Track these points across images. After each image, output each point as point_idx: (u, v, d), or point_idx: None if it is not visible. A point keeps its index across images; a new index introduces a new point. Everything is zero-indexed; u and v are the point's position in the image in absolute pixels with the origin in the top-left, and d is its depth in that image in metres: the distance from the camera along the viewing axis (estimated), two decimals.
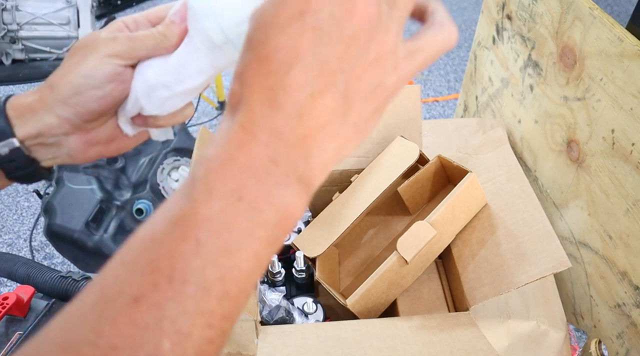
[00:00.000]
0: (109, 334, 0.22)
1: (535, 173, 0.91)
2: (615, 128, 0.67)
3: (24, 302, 0.69)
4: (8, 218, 1.83)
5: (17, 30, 1.64)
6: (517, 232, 0.64)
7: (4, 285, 1.62)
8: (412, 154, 0.74)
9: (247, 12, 0.26)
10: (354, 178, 0.77)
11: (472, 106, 1.20)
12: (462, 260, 0.67)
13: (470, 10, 2.97)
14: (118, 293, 0.23)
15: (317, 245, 0.70)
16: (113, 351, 0.21)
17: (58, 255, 1.67)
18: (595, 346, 0.63)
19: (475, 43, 1.14)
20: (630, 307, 0.68)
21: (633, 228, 0.66)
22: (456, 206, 0.65)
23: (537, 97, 0.88)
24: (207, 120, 2.28)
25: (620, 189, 0.68)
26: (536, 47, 0.87)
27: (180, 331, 0.22)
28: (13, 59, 1.71)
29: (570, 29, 0.76)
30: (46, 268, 0.74)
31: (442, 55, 0.28)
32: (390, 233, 0.80)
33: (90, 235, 1.37)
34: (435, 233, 0.63)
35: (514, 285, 0.59)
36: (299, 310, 0.67)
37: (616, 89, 0.66)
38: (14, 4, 1.62)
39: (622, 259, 0.69)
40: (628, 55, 0.63)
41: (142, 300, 0.22)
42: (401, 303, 0.68)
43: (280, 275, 0.70)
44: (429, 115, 2.26)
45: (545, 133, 0.86)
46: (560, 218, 0.84)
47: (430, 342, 0.57)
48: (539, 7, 0.84)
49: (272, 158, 0.24)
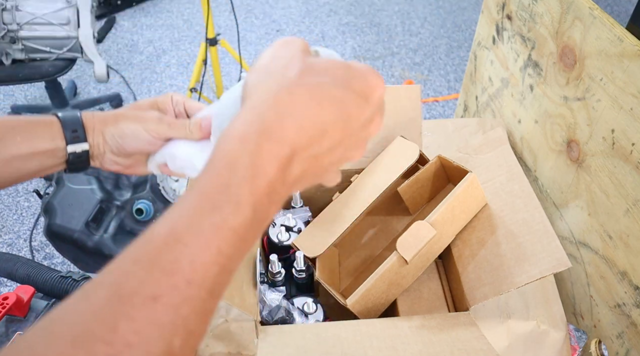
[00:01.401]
0: (124, 331, 0.22)
1: (535, 173, 0.91)
2: (615, 128, 0.67)
3: (24, 302, 0.69)
4: (8, 218, 1.83)
5: (17, 30, 1.64)
6: (517, 232, 0.64)
7: (4, 285, 1.62)
8: (412, 154, 0.74)
9: None
10: (354, 178, 0.77)
11: (472, 106, 1.20)
12: (462, 260, 0.67)
13: (470, 10, 2.97)
14: (134, 291, 0.23)
15: (317, 245, 0.70)
16: (128, 348, 0.22)
17: (58, 255, 1.67)
18: (595, 346, 0.63)
19: (475, 43, 1.14)
20: (630, 307, 0.68)
21: (633, 228, 0.66)
22: (456, 206, 0.65)
23: (537, 97, 0.88)
24: None
25: (620, 189, 0.68)
26: (536, 47, 0.87)
27: (188, 329, 0.24)
28: (13, 59, 1.71)
29: (570, 29, 0.76)
30: (46, 268, 0.74)
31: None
32: (390, 233, 0.80)
33: (90, 235, 1.37)
34: (435, 233, 0.63)
35: (514, 285, 0.59)
36: (299, 310, 0.67)
37: (616, 88, 0.66)
38: (14, 4, 1.62)
39: (622, 259, 0.69)
40: (628, 55, 0.63)
41: (160, 300, 0.23)
42: (401, 303, 0.68)
43: (280, 275, 0.70)
44: (429, 115, 2.26)
45: (545, 133, 0.86)
46: (560, 218, 0.84)
47: (430, 342, 0.57)
48: (539, 7, 0.84)
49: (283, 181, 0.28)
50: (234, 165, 0.27)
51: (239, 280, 0.60)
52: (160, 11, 3.00)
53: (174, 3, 3.07)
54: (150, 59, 2.63)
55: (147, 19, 2.92)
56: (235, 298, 0.56)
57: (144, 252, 0.25)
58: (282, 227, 0.75)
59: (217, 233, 0.25)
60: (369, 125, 0.31)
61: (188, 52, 2.68)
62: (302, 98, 0.28)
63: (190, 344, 0.24)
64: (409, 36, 2.77)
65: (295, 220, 0.77)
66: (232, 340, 0.58)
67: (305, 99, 0.28)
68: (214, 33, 2.02)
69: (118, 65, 2.58)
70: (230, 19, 2.87)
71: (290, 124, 0.27)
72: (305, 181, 0.30)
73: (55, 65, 1.74)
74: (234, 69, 2.56)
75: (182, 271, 0.24)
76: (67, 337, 0.22)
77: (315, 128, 0.28)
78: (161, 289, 0.23)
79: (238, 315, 0.59)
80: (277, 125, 0.27)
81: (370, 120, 0.31)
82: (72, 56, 1.75)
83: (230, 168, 0.27)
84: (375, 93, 0.30)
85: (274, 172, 0.27)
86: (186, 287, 0.24)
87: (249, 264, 0.66)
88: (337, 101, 0.29)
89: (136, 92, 2.42)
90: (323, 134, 0.28)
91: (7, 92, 2.39)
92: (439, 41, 2.73)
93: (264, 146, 0.27)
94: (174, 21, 2.91)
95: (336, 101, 0.29)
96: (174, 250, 0.24)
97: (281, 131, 0.27)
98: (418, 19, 2.90)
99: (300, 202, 0.82)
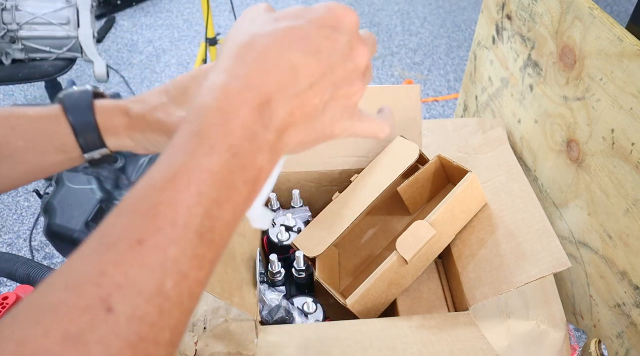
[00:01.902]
0: (113, 274, 0.22)
1: (535, 173, 0.91)
2: (615, 128, 0.67)
3: None
4: (8, 218, 1.83)
5: (17, 30, 1.64)
6: (517, 232, 0.64)
7: (4, 285, 1.62)
8: (412, 154, 0.74)
9: None
10: (354, 178, 0.77)
11: (472, 106, 1.20)
12: (462, 260, 0.67)
13: (470, 10, 2.97)
14: (120, 237, 0.24)
15: (317, 245, 0.70)
16: (118, 289, 0.22)
17: (58, 255, 1.67)
18: (595, 346, 0.63)
19: (475, 43, 1.14)
20: (630, 307, 0.68)
21: (633, 228, 0.66)
22: (456, 206, 0.65)
23: (537, 97, 0.88)
24: None
25: (620, 189, 0.68)
26: (536, 47, 0.87)
27: (181, 271, 0.24)
28: (13, 59, 1.71)
29: (570, 29, 0.76)
30: (46, 268, 0.74)
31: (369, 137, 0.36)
32: (390, 233, 0.80)
33: (90, 235, 1.37)
34: (435, 233, 0.63)
35: (514, 285, 0.59)
36: (299, 310, 0.67)
37: (616, 88, 0.66)
38: (14, 4, 1.62)
39: (622, 259, 0.69)
40: (628, 55, 0.63)
41: (145, 243, 0.23)
42: (401, 303, 0.68)
43: (280, 275, 0.70)
44: (429, 115, 2.26)
45: (545, 133, 0.86)
46: (560, 218, 0.84)
47: (430, 342, 0.57)
48: (539, 7, 0.84)
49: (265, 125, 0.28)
50: (203, 112, 0.27)
51: (238, 280, 0.60)
52: (160, 11, 3.00)
53: (174, 3, 3.07)
54: (150, 59, 2.63)
55: (147, 19, 2.92)
56: (235, 298, 0.56)
57: (126, 205, 0.25)
58: (282, 227, 0.75)
59: (192, 175, 0.25)
60: (351, 53, 0.31)
61: (188, 52, 2.68)
62: (264, 43, 0.29)
63: (186, 288, 0.24)
64: (408, 36, 2.77)
65: (295, 220, 0.77)
66: (232, 340, 0.58)
67: (268, 43, 0.29)
68: (214, 33, 2.02)
69: (118, 65, 2.58)
70: (230, 19, 2.87)
71: (255, 69, 0.28)
72: (302, 125, 0.30)
73: (55, 65, 1.74)
74: None
75: (164, 214, 0.24)
76: (60, 285, 0.23)
77: (283, 68, 0.28)
78: (146, 233, 0.24)
79: (238, 315, 0.59)
80: (243, 72, 0.28)
81: (350, 49, 0.31)
82: (72, 56, 1.75)
83: (200, 116, 0.27)
84: (344, 21, 0.30)
85: (246, 115, 0.27)
86: (171, 229, 0.24)
87: (249, 264, 0.66)
88: (300, 38, 0.29)
89: (136, 92, 2.42)
90: (295, 73, 0.28)
91: (7, 92, 2.39)
92: (439, 41, 2.73)
93: (231, 92, 0.27)
94: (174, 21, 2.91)
95: (299, 38, 0.29)
96: (153, 196, 0.25)
97: (247, 77, 0.28)
98: (418, 19, 2.90)
99: (300, 202, 0.82)
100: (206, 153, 0.26)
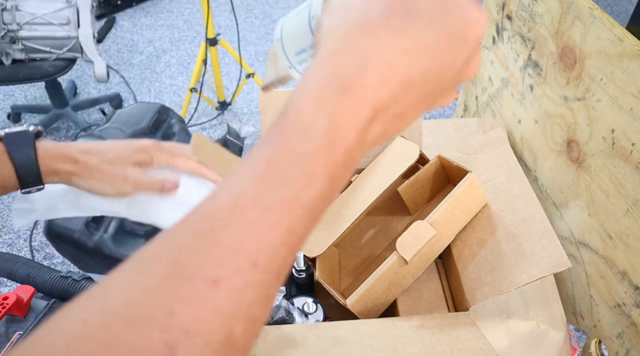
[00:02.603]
0: (182, 317, 0.20)
1: (535, 173, 0.91)
2: (615, 128, 0.67)
3: (24, 302, 0.69)
4: (8, 218, 1.83)
5: (17, 30, 1.64)
6: (517, 232, 0.64)
7: (4, 285, 1.62)
8: (412, 154, 0.74)
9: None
10: (354, 178, 0.77)
11: (472, 106, 1.20)
12: (462, 260, 0.67)
13: None
14: (194, 271, 0.21)
15: (317, 245, 0.70)
16: (186, 336, 0.20)
17: (58, 255, 1.67)
18: (595, 346, 0.63)
19: None
20: (630, 307, 0.68)
21: (633, 228, 0.66)
22: (456, 206, 0.65)
23: (537, 97, 0.88)
24: (207, 120, 2.28)
25: (620, 189, 0.68)
26: (536, 47, 0.87)
27: (251, 316, 0.22)
28: (13, 59, 1.71)
29: (570, 29, 0.76)
30: (46, 268, 0.74)
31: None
32: (390, 233, 0.80)
33: (90, 235, 1.36)
34: (435, 233, 0.63)
35: (514, 285, 0.59)
36: (299, 310, 0.67)
37: (616, 88, 0.66)
38: (14, 4, 1.62)
39: (622, 259, 0.69)
40: (628, 55, 0.63)
41: (221, 284, 0.21)
42: (401, 303, 0.68)
43: None
44: (429, 115, 2.26)
45: (545, 133, 0.86)
46: (560, 218, 0.84)
47: (430, 342, 0.57)
48: (539, 7, 0.84)
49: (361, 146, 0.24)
50: (308, 131, 0.23)
51: None
52: (160, 11, 3.00)
53: (174, 3, 3.07)
54: (150, 59, 2.63)
55: (147, 19, 2.92)
56: None
57: (206, 227, 0.22)
58: None
59: (287, 211, 0.22)
60: (464, 70, 0.26)
61: (188, 52, 2.68)
62: (387, 44, 0.23)
63: (252, 332, 0.22)
64: None
65: None
66: None
67: (391, 45, 0.23)
68: (214, 33, 2.02)
69: (118, 65, 2.58)
70: (230, 19, 2.87)
71: (372, 77, 0.23)
72: (382, 140, 0.26)
73: (55, 65, 1.74)
74: (234, 69, 2.56)
75: (247, 252, 0.21)
76: (122, 317, 0.20)
77: (402, 82, 0.24)
78: (223, 271, 0.21)
79: None
80: (358, 80, 0.23)
81: (466, 65, 0.26)
82: (72, 56, 1.76)
83: (305, 134, 0.23)
84: (474, 31, 0.25)
85: (352, 137, 0.23)
86: (251, 270, 0.21)
87: None
88: (430, 47, 0.24)
89: (136, 92, 2.42)
90: (409, 88, 0.24)
91: (7, 92, 2.39)
92: None
93: (342, 107, 0.23)
94: (174, 21, 2.91)
95: (428, 47, 0.24)
96: (238, 228, 0.22)
97: (363, 87, 0.23)
98: None
99: None
100: (306, 186, 0.23)
